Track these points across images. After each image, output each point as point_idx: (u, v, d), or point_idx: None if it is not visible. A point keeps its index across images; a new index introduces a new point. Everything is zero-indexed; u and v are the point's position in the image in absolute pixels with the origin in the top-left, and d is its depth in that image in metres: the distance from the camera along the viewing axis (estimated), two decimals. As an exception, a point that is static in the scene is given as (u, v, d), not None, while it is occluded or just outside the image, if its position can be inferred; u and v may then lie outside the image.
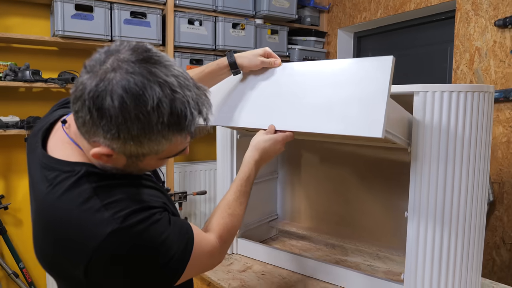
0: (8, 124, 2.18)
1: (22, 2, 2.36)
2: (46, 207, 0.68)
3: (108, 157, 0.66)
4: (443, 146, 1.00)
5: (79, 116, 0.63)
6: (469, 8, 2.16)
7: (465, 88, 0.99)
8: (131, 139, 0.62)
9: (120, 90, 0.59)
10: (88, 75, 0.62)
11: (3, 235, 2.31)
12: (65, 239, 0.66)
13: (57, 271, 0.72)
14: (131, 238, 0.64)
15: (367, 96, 0.89)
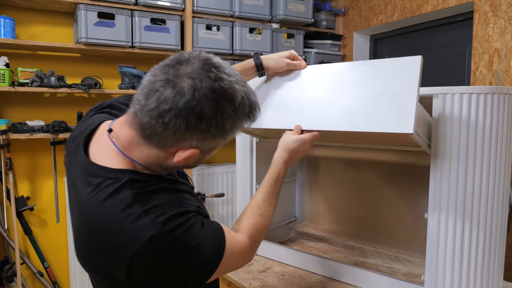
0: (34, 128, 2.26)
1: (46, 11, 2.44)
2: (89, 211, 0.71)
3: (187, 159, 0.72)
4: (463, 148, 1.00)
5: (169, 127, 0.66)
6: (488, 9, 2.15)
7: (485, 90, 1.00)
8: (222, 135, 0.71)
9: (213, 94, 0.66)
10: (170, 89, 0.65)
11: (29, 236, 2.39)
12: (108, 243, 0.69)
13: (99, 272, 0.75)
14: (169, 243, 0.68)
15: (397, 94, 0.91)
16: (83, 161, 0.76)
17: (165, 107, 0.65)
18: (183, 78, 0.66)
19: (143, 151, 0.73)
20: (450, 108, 1.00)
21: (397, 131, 0.89)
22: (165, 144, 0.71)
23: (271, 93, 1.16)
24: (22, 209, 2.33)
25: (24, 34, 2.40)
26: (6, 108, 2.40)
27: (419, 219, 1.41)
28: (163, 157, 0.74)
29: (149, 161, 0.74)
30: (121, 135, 0.75)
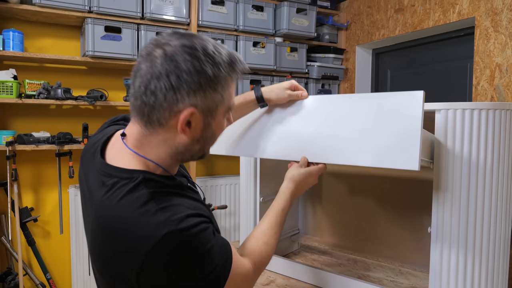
0: (39, 139, 2.29)
1: (54, 24, 2.49)
2: (105, 212, 0.71)
3: (189, 125, 0.73)
4: (466, 163, 1.02)
5: (157, 94, 0.69)
6: (489, 25, 2.18)
7: (487, 106, 1.01)
8: (210, 85, 0.71)
9: (185, 48, 0.70)
10: (147, 63, 0.70)
11: (32, 247, 2.40)
12: (123, 242, 0.68)
13: (114, 275, 0.73)
14: (184, 241, 0.67)
15: (402, 130, 0.92)
16: (99, 164, 0.78)
17: (147, 78, 0.69)
18: (155, 51, 0.70)
19: (152, 143, 0.75)
20: (452, 124, 1.02)
21: (402, 168, 0.91)
22: (164, 117, 0.71)
23: (274, 124, 1.16)
24: (26, 220, 2.34)
25: (32, 47, 2.45)
26: (13, 120, 2.43)
27: (422, 232, 1.41)
28: (170, 138, 0.74)
29: (160, 155, 0.76)
30: (130, 134, 0.78)
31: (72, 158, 2.38)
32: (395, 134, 0.93)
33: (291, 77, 2.99)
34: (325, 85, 3.16)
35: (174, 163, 0.80)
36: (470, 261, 1.04)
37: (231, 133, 1.21)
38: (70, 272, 2.54)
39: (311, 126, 1.09)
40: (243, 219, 1.60)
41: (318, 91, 3.12)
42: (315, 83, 3.09)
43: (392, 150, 0.93)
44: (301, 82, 3.04)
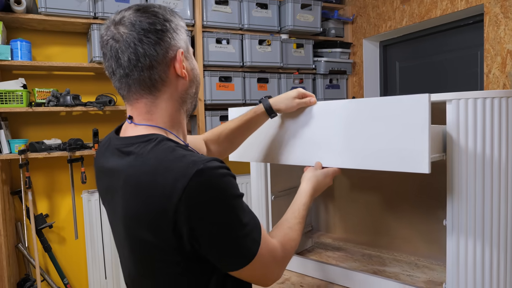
0: (51, 146, 2.31)
1: (61, 32, 2.52)
2: (135, 168, 0.72)
3: (181, 61, 0.78)
4: (479, 154, 1.00)
5: (150, 54, 0.74)
6: (498, 11, 2.13)
7: (499, 94, 0.99)
8: (176, 26, 0.78)
9: (139, 12, 0.76)
10: (120, 42, 0.75)
11: (48, 253, 2.43)
12: (156, 188, 0.68)
13: (150, 232, 0.70)
14: (216, 177, 0.69)
15: (410, 134, 0.93)
16: (117, 140, 0.81)
17: (131, 48, 0.74)
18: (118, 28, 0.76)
19: (162, 105, 0.79)
20: (464, 114, 1.00)
21: (413, 171, 0.93)
22: (164, 71, 0.77)
23: (287, 131, 1.20)
24: (41, 227, 2.37)
25: (40, 56, 2.47)
26: (24, 128, 2.46)
27: (437, 225, 1.39)
28: (174, 90, 0.79)
29: (172, 114, 0.80)
30: (137, 113, 0.80)
31: (84, 164, 2.40)
32: (404, 138, 0.95)
33: (298, 73, 2.97)
34: (333, 80, 3.14)
35: (183, 120, 0.84)
36: (487, 253, 1.02)
37: (247, 140, 1.23)
38: (86, 276, 2.57)
39: (323, 132, 1.12)
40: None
41: (326, 86, 3.10)
42: (323, 79, 3.07)
43: (402, 154, 0.95)
44: (309, 78, 3.02)
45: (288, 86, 2.91)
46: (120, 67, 0.76)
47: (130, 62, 0.74)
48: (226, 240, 0.70)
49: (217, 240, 0.70)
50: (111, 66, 0.78)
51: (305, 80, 3.00)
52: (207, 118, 2.63)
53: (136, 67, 0.74)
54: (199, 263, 0.73)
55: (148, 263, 0.76)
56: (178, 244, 0.70)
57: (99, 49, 2.27)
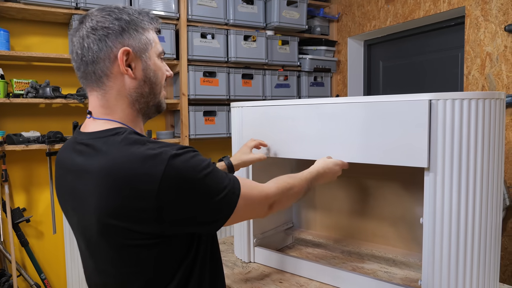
0: (29, 139, 2.26)
1: (41, 22, 2.45)
2: (111, 164, 0.73)
3: (129, 65, 0.81)
4: (456, 153, 1.02)
5: (92, 49, 0.78)
6: (479, 14, 2.18)
7: (477, 95, 1.01)
8: (130, 26, 0.81)
9: (101, 11, 0.81)
10: (76, 37, 0.81)
11: (25, 247, 2.38)
12: (134, 180, 0.71)
13: (128, 222, 0.73)
14: (190, 158, 0.75)
15: (410, 131, 1.06)
16: (80, 135, 0.83)
17: (79, 43, 0.80)
18: (80, 26, 0.82)
19: (112, 101, 0.82)
20: (443, 114, 1.01)
21: (413, 165, 1.06)
22: (107, 67, 0.80)
23: (300, 129, 1.32)
24: (18, 221, 2.32)
25: (19, 45, 2.41)
26: (1, 120, 2.40)
27: (415, 222, 1.42)
28: (122, 86, 0.81)
29: (125, 110, 0.83)
30: (93, 107, 0.84)
31: (63, 157, 2.35)
32: (405, 136, 1.06)
33: (283, 70, 2.98)
34: (318, 77, 3.15)
35: (139, 119, 0.87)
36: (462, 251, 1.04)
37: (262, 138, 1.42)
38: (65, 271, 2.53)
39: (332, 129, 1.24)
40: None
41: (311, 83, 3.11)
42: (307, 76, 3.08)
43: (404, 150, 1.07)
44: (293, 75, 3.02)
45: (273, 83, 2.91)
46: (74, 60, 0.82)
47: (78, 55, 0.80)
48: (209, 210, 0.77)
49: (203, 215, 0.77)
50: (73, 59, 0.83)
51: (290, 77, 3.01)
52: (191, 113, 2.62)
53: (82, 61, 0.80)
54: (179, 240, 0.79)
55: (128, 253, 0.77)
56: (160, 230, 0.74)
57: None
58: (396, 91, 2.94)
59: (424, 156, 1.03)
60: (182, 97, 2.59)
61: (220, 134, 2.72)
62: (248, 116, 1.45)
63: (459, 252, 1.04)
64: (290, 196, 1.00)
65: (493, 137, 1.04)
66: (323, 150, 1.25)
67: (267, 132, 1.39)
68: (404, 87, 2.87)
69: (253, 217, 0.95)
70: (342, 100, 1.20)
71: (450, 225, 1.04)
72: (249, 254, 1.55)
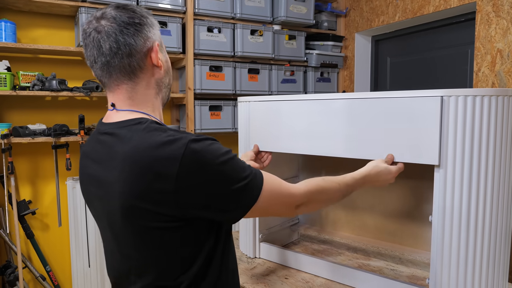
0: (35, 132, 2.26)
1: (47, 14, 2.45)
2: (131, 151, 0.77)
3: (157, 52, 0.87)
4: (468, 150, 1.00)
5: (130, 43, 0.83)
6: (490, 10, 2.14)
7: (489, 92, 0.99)
8: (152, 22, 0.87)
9: (120, 8, 0.85)
10: (101, 34, 0.83)
11: (30, 239, 2.39)
12: (154, 164, 0.74)
13: (150, 204, 0.76)
14: (208, 145, 0.78)
15: (422, 129, 1.04)
16: (103, 126, 0.87)
17: (113, 38, 0.82)
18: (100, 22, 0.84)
19: (141, 91, 0.87)
20: (454, 110, 1.00)
21: (424, 162, 1.05)
22: (142, 59, 0.85)
23: (306, 123, 1.30)
24: (24, 213, 2.33)
25: (25, 38, 2.40)
26: (8, 112, 2.40)
27: (423, 220, 1.40)
28: (151, 77, 0.87)
29: (152, 100, 0.89)
30: (118, 99, 0.87)
31: (69, 150, 2.35)
32: (415, 132, 1.05)
33: (289, 65, 2.96)
34: (324, 73, 3.13)
35: (160, 107, 0.92)
36: (471, 250, 1.03)
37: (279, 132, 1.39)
38: (69, 264, 2.54)
39: (339, 126, 1.22)
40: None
41: (317, 79, 3.08)
42: (314, 71, 3.05)
43: (413, 147, 1.05)
44: (300, 70, 3.00)
45: (279, 78, 2.89)
46: (102, 55, 0.83)
47: (111, 50, 0.82)
48: (226, 198, 0.79)
49: (219, 201, 0.78)
50: (93, 55, 0.84)
51: (296, 73, 2.98)
52: (197, 107, 2.60)
53: (116, 54, 0.82)
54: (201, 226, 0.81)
55: (151, 236, 0.79)
56: (181, 213, 0.76)
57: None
58: (403, 87, 2.91)
59: (435, 153, 1.01)
60: (188, 91, 2.58)
61: (226, 129, 2.70)
62: (255, 111, 1.44)
63: (468, 251, 1.03)
64: (321, 200, 0.97)
65: (505, 135, 1.03)
66: (331, 146, 1.23)
67: (274, 127, 1.38)
68: (412, 84, 2.84)
69: (278, 214, 0.92)
70: (351, 96, 1.18)
71: (460, 224, 1.03)
72: (254, 249, 1.55)
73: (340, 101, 1.20)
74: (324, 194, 0.97)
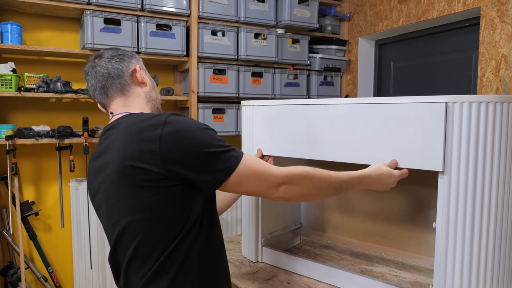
0: (39, 133, 2.27)
1: (53, 16, 2.46)
2: (125, 125, 0.96)
3: (140, 72, 1.11)
4: (472, 157, 0.99)
5: (118, 67, 1.08)
6: (495, 15, 2.14)
7: (494, 98, 0.99)
8: (132, 55, 1.14)
9: (110, 49, 1.13)
10: (96, 67, 1.09)
11: (33, 240, 2.39)
12: (143, 129, 0.90)
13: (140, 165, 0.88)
14: (188, 118, 0.93)
15: (426, 135, 1.04)
16: (106, 127, 1.04)
17: (104, 67, 1.08)
18: (95, 60, 1.11)
19: (133, 100, 1.09)
20: (459, 117, 0.99)
21: (429, 169, 1.04)
22: (129, 77, 1.09)
23: (309, 128, 1.31)
24: (27, 214, 2.34)
25: (31, 40, 2.42)
26: (12, 113, 2.41)
27: (426, 226, 1.40)
28: (139, 91, 1.11)
29: (142, 106, 1.10)
30: (115, 108, 1.09)
31: (73, 152, 2.36)
32: (421, 140, 1.05)
33: (292, 69, 2.96)
34: (328, 77, 3.13)
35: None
36: (475, 257, 1.02)
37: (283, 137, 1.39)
38: (72, 265, 2.54)
39: (343, 131, 1.22)
40: (244, 212, 1.59)
41: (321, 83, 3.09)
42: (317, 75, 3.05)
43: (417, 153, 1.05)
44: (303, 74, 3.00)
45: (283, 81, 2.89)
46: (99, 82, 1.08)
47: (104, 76, 1.07)
48: (205, 159, 0.89)
49: (198, 162, 0.89)
50: (92, 85, 1.09)
51: (300, 76, 2.99)
52: (200, 110, 2.61)
53: (109, 78, 1.07)
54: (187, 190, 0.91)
55: (145, 196, 0.89)
56: (166, 171, 0.87)
57: (92, 36, 2.24)
58: (407, 92, 2.91)
59: (439, 160, 1.01)
60: (191, 94, 2.59)
61: (229, 132, 2.71)
62: (259, 115, 1.44)
63: (472, 258, 1.02)
64: (306, 185, 0.99)
65: (510, 141, 1.02)
66: (335, 151, 1.23)
67: (277, 131, 1.38)
68: (415, 89, 2.84)
69: (260, 193, 0.97)
70: (355, 101, 1.18)
71: (464, 230, 1.02)
72: (256, 253, 1.54)
73: (343, 106, 1.20)
74: (309, 179, 0.99)
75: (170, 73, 2.85)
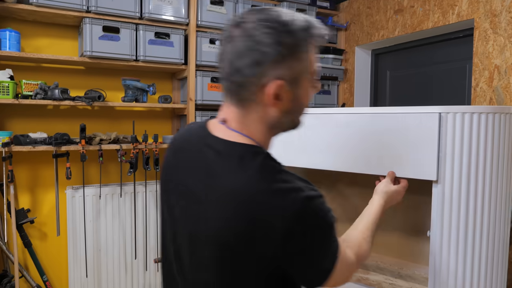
0: (36, 140, 2.27)
1: (51, 24, 2.47)
2: (242, 189, 0.71)
3: (278, 97, 0.74)
4: (465, 167, 1.01)
5: (243, 73, 0.73)
6: (488, 27, 2.17)
7: (487, 109, 1.01)
8: (290, 53, 0.73)
9: (261, 22, 0.72)
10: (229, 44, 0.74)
11: (28, 248, 2.38)
12: (264, 210, 0.69)
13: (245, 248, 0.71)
14: (320, 204, 0.74)
15: (420, 145, 1.05)
16: (212, 139, 0.79)
17: (231, 58, 0.73)
18: (234, 30, 0.74)
19: (251, 121, 0.78)
20: (452, 127, 1.01)
21: (423, 178, 1.06)
22: (254, 93, 0.74)
23: (305, 137, 1.31)
24: (22, 222, 2.32)
25: (29, 47, 2.43)
26: (9, 120, 2.41)
27: (421, 234, 1.41)
28: (264, 114, 0.77)
29: (262, 132, 0.79)
30: (230, 118, 0.79)
31: (70, 159, 2.36)
32: (413, 148, 1.06)
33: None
34: (325, 86, 3.15)
35: (271, 140, 0.83)
36: (469, 264, 1.03)
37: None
38: (67, 274, 2.52)
39: (339, 140, 1.23)
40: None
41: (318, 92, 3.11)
42: (314, 84, 3.08)
43: (411, 162, 1.07)
44: (300, 83, 3.02)
45: (279, 90, 2.91)
46: (222, 68, 0.77)
47: (227, 70, 0.75)
48: (314, 262, 0.75)
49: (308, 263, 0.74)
50: (219, 60, 0.79)
51: (297, 85, 3.01)
52: (198, 118, 2.62)
53: (229, 78, 0.76)
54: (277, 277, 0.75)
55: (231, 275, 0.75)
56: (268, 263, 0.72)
57: (90, 44, 2.26)
58: (403, 101, 2.94)
59: (433, 169, 1.02)
60: (189, 102, 2.60)
61: (226, 140, 2.72)
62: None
63: (466, 265, 1.03)
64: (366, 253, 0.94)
65: (502, 151, 1.04)
66: (330, 160, 1.24)
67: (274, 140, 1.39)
68: (411, 98, 2.87)
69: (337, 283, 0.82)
70: (351, 111, 1.20)
71: (458, 238, 1.03)
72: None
73: (339, 115, 1.22)
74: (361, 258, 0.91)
75: (168, 81, 2.87)
